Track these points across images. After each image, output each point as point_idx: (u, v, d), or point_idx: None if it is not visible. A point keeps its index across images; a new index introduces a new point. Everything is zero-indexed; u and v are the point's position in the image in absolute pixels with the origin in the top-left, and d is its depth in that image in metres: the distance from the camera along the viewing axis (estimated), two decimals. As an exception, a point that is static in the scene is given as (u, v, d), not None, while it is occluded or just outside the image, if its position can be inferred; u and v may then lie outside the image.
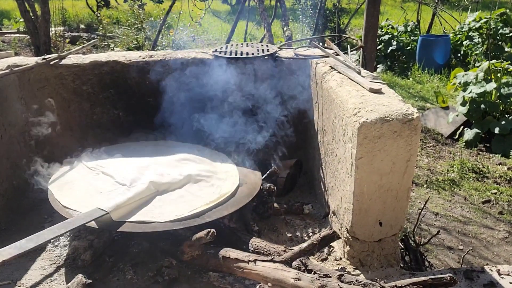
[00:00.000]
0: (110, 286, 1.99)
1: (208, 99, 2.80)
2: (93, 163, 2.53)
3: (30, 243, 1.82)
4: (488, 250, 3.15)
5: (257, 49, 2.93)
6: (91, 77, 2.83)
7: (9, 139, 2.56)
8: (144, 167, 2.45)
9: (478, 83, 5.11)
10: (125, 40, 7.93)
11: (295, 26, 9.66)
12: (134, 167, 2.44)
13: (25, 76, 2.70)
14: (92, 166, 2.49)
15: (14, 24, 10.21)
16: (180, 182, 2.33)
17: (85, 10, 11.68)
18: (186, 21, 8.92)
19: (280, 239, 2.38)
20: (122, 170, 2.42)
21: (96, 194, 2.24)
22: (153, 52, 2.96)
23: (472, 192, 3.92)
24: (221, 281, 1.97)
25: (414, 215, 3.44)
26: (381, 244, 2.08)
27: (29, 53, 7.84)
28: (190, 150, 2.70)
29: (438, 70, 7.55)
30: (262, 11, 4.80)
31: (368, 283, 1.69)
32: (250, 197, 2.26)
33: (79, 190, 2.28)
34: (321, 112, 2.47)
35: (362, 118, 1.84)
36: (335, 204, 2.27)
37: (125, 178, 2.34)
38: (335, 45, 2.96)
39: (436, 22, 9.71)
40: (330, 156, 2.32)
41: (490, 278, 1.98)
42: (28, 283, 2.03)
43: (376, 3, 3.37)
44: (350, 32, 10.42)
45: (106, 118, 2.94)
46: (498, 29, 7.44)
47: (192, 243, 1.98)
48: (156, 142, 2.82)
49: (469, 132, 4.92)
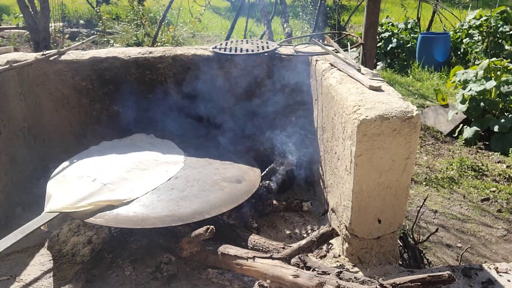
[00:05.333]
0: (109, 282, 1.99)
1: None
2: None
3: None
4: (486, 248, 3.16)
5: (257, 46, 2.93)
6: (91, 73, 2.83)
7: (8, 135, 2.56)
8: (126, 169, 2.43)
9: (478, 81, 5.11)
10: (125, 36, 7.91)
11: (295, 23, 9.65)
12: (115, 168, 2.42)
13: (24, 71, 2.70)
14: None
15: (14, 19, 10.19)
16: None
17: (85, 6, 11.64)
18: (186, 18, 8.90)
19: (279, 236, 2.38)
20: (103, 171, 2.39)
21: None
22: (153, 48, 2.96)
23: (471, 190, 3.92)
24: (220, 277, 1.97)
25: (413, 212, 3.45)
26: (380, 242, 2.08)
27: (28, 48, 7.83)
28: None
29: (438, 68, 7.54)
30: (262, 8, 4.79)
31: (366, 280, 1.69)
32: (249, 194, 2.26)
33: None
34: (321, 110, 2.47)
35: (362, 116, 1.83)
36: (334, 201, 2.27)
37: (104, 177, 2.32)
38: (335, 42, 2.95)
39: (436, 20, 9.69)
40: (329, 153, 2.33)
41: (488, 276, 1.99)
42: (27, 278, 2.03)
43: (377, 0, 3.37)
44: (350, 29, 10.41)
45: (106, 114, 2.93)
46: (498, 27, 7.43)
47: (191, 240, 1.98)
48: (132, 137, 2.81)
49: (468, 130, 4.92)
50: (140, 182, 2.29)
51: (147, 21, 7.98)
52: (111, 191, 2.17)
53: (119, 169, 2.40)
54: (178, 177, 2.36)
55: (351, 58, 2.54)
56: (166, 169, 2.43)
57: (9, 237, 1.93)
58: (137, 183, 2.28)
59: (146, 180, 2.31)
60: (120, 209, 2.07)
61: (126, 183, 2.27)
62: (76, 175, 2.35)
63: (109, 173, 2.35)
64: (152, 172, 2.40)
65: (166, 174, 2.38)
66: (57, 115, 2.89)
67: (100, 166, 2.44)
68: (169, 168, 2.45)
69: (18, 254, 2.20)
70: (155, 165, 2.47)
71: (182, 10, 8.32)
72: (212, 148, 2.74)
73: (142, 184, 2.27)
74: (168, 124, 2.88)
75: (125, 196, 2.14)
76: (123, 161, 2.50)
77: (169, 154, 2.60)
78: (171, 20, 9.12)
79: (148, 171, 2.41)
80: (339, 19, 9.15)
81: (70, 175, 2.36)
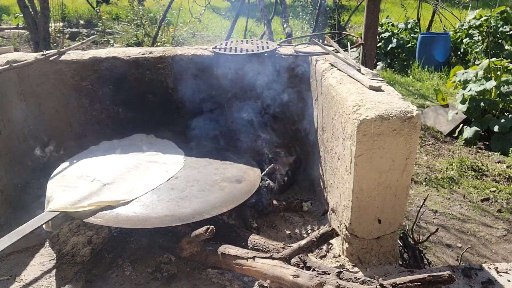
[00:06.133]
0: (109, 282, 1.99)
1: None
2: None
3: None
4: (486, 248, 3.16)
5: (257, 46, 2.93)
6: (91, 73, 2.82)
7: (8, 135, 2.56)
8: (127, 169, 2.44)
9: (478, 81, 5.11)
10: (125, 36, 7.92)
11: (295, 23, 9.65)
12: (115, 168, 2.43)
13: (24, 72, 2.70)
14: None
15: (14, 19, 10.20)
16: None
17: (85, 6, 11.64)
18: (186, 18, 8.90)
19: (279, 236, 2.38)
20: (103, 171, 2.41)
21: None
22: (153, 49, 2.96)
23: (471, 190, 3.92)
24: (220, 277, 1.97)
25: (413, 212, 3.45)
26: (380, 242, 2.08)
27: (28, 48, 7.83)
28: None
29: (438, 68, 7.54)
30: (262, 8, 4.79)
31: (366, 280, 1.69)
32: (249, 194, 2.26)
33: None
34: (321, 110, 2.46)
35: (362, 116, 1.83)
36: (334, 201, 2.27)
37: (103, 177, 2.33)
38: (335, 42, 2.95)
39: (436, 20, 9.70)
40: (329, 153, 2.32)
41: (488, 276, 1.99)
42: (27, 278, 2.03)
43: (377, 0, 3.37)
44: (350, 29, 10.41)
45: (106, 114, 2.93)
46: (498, 27, 7.44)
47: (191, 240, 1.98)
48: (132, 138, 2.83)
49: (468, 130, 4.92)
50: (139, 182, 2.29)
51: (147, 21, 7.99)
52: (111, 191, 2.17)
53: (119, 169, 2.40)
54: (178, 177, 2.36)
55: (351, 58, 2.54)
56: (165, 169, 2.43)
57: (9, 235, 1.93)
58: (136, 183, 2.28)
59: (145, 180, 2.31)
60: (120, 209, 2.07)
61: (125, 183, 2.27)
62: (76, 175, 2.35)
63: (108, 173, 2.35)
64: (152, 172, 2.40)
65: (165, 174, 2.38)
66: (57, 115, 2.89)
67: (100, 166, 2.44)
68: (169, 168, 2.45)
69: (18, 254, 2.20)
70: (154, 165, 2.47)
71: (182, 10, 8.32)
72: (212, 148, 2.74)
73: (141, 184, 2.27)
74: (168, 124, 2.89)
75: (124, 196, 2.14)
76: (122, 161, 2.50)
77: (169, 154, 2.60)
78: (171, 20, 9.12)
79: (148, 171, 2.41)
80: (339, 19, 9.15)
81: (70, 175, 2.36)
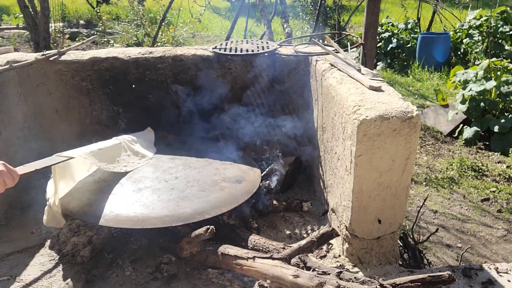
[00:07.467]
0: (109, 282, 1.99)
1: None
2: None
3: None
4: (486, 248, 3.16)
5: (257, 46, 2.93)
6: (91, 73, 2.83)
7: (8, 135, 2.56)
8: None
9: (478, 81, 5.11)
10: (125, 36, 7.92)
11: (295, 23, 9.65)
12: None
13: (24, 72, 2.70)
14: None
15: (14, 19, 10.20)
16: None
17: (85, 6, 11.65)
18: (186, 18, 8.90)
19: (279, 236, 2.38)
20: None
21: None
22: (153, 49, 2.96)
23: (471, 190, 3.92)
24: (220, 277, 1.97)
25: (413, 212, 3.45)
26: (380, 242, 2.08)
27: (28, 49, 7.82)
28: None
29: (438, 68, 7.55)
30: (262, 8, 4.78)
31: (366, 281, 1.69)
32: (249, 194, 2.26)
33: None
34: (321, 110, 2.47)
35: (362, 116, 1.83)
36: (334, 201, 2.27)
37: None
38: (335, 43, 2.95)
39: (436, 20, 9.70)
40: (329, 153, 2.33)
41: (489, 276, 1.99)
42: (27, 279, 2.03)
43: (377, 0, 3.37)
44: (350, 29, 10.41)
45: (106, 114, 2.94)
46: (498, 27, 7.43)
47: (191, 240, 1.98)
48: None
49: (468, 130, 4.92)
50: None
51: (147, 21, 7.99)
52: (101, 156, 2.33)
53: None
54: (178, 177, 2.37)
55: (351, 58, 2.54)
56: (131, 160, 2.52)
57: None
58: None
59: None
60: (120, 209, 2.07)
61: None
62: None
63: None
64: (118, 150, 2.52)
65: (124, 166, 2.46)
66: (57, 115, 2.89)
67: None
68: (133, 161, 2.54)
69: (18, 254, 2.20)
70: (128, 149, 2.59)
71: (182, 10, 8.32)
72: (212, 148, 2.74)
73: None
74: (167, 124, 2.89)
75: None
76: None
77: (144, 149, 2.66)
78: (171, 20, 9.12)
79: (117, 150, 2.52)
80: (339, 19, 9.15)
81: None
